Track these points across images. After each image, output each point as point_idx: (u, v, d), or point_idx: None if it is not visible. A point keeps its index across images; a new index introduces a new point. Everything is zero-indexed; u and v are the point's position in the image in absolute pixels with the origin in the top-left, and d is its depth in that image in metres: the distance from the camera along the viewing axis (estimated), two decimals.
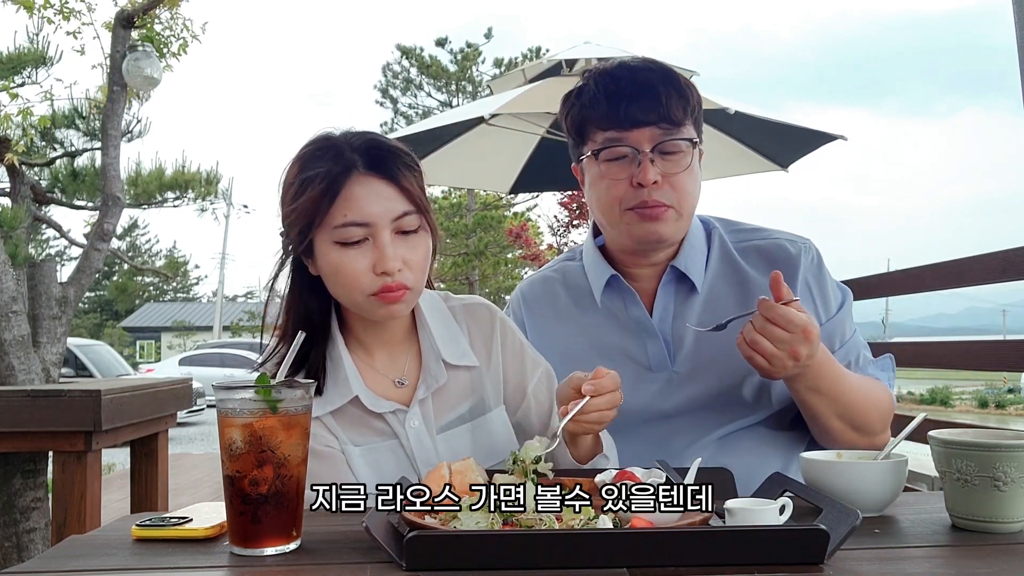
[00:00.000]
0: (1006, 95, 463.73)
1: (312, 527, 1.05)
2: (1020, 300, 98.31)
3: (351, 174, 1.24)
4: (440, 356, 1.37)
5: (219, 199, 6.33)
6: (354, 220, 1.23)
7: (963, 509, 1.03)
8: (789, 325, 1.26)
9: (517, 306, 1.65)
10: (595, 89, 1.45)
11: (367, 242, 1.25)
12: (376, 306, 1.27)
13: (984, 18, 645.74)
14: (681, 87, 1.43)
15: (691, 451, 1.45)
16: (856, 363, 1.49)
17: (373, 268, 1.24)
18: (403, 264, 1.25)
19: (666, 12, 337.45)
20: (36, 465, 3.54)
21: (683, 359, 1.50)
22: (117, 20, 4.22)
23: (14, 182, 4.49)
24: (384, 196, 1.25)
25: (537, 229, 23.12)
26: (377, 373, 1.37)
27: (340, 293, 1.29)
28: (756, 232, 1.57)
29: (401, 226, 1.26)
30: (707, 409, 1.49)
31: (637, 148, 1.41)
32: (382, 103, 25.82)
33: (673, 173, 1.41)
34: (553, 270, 1.66)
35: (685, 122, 1.43)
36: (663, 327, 1.51)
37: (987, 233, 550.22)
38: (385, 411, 1.34)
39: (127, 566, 0.95)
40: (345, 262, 1.24)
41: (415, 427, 1.34)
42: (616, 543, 0.88)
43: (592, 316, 1.56)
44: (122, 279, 10.08)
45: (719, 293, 1.52)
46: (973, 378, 30.80)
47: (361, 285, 1.25)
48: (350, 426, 1.34)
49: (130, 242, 41.86)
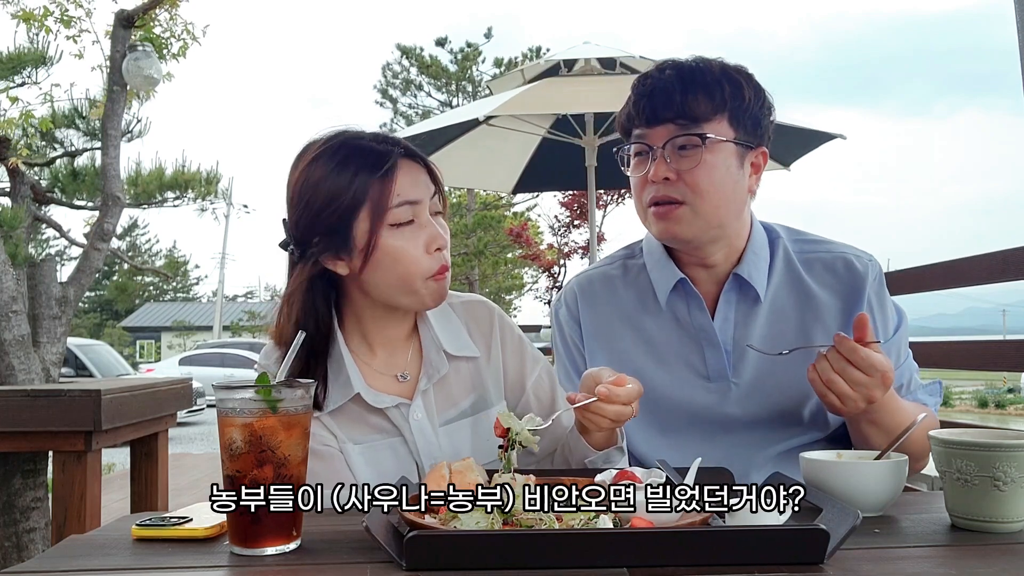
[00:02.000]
0: (1005, 95, 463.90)
1: (312, 527, 1.05)
2: (1020, 300, 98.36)
3: (397, 159, 1.28)
4: (441, 347, 1.38)
5: (219, 199, 6.32)
6: (406, 199, 1.26)
7: (963, 509, 1.03)
8: (870, 369, 1.24)
9: (573, 301, 1.60)
10: (637, 88, 1.46)
11: (413, 223, 1.27)
12: (430, 289, 1.29)
13: (983, 19, 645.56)
14: (708, 83, 1.40)
15: (752, 466, 1.45)
16: (908, 387, 1.47)
17: (427, 247, 1.27)
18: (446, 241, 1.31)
19: (666, 12, 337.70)
20: (36, 465, 3.54)
21: (743, 371, 1.47)
22: (117, 20, 4.22)
23: (14, 182, 4.49)
24: (422, 177, 1.30)
25: (537, 229, 23.11)
26: (377, 371, 1.37)
27: (395, 281, 1.28)
28: (821, 244, 1.53)
29: (435, 206, 1.31)
30: (765, 424, 1.47)
31: (651, 145, 1.41)
32: (382, 103, 25.82)
33: (686, 169, 1.39)
34: (614, 267, 1.61)
35: (712, 118, 1.40)
36: (724, 336, 1.48)
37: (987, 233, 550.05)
38: (387, 406, 1.34)
39: (127, 566, 0.95)
40: (403, 246, 1.26)
41: (418, 419, 1.34)
42: (616, 543, 0.88)
43: (654, 319, 1.52)
44: (122, 279, 10.09)
45: (782, 305, 1.49)
46: (973, 378, 30.79)
47: (421, 267, 1.27)
48: (350, 425, 1.33)
49: (130, 242, 41.87)
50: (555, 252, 22.64)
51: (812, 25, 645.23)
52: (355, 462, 1.31)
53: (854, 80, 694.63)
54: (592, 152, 5.07)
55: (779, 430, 1.47)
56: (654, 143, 1.41)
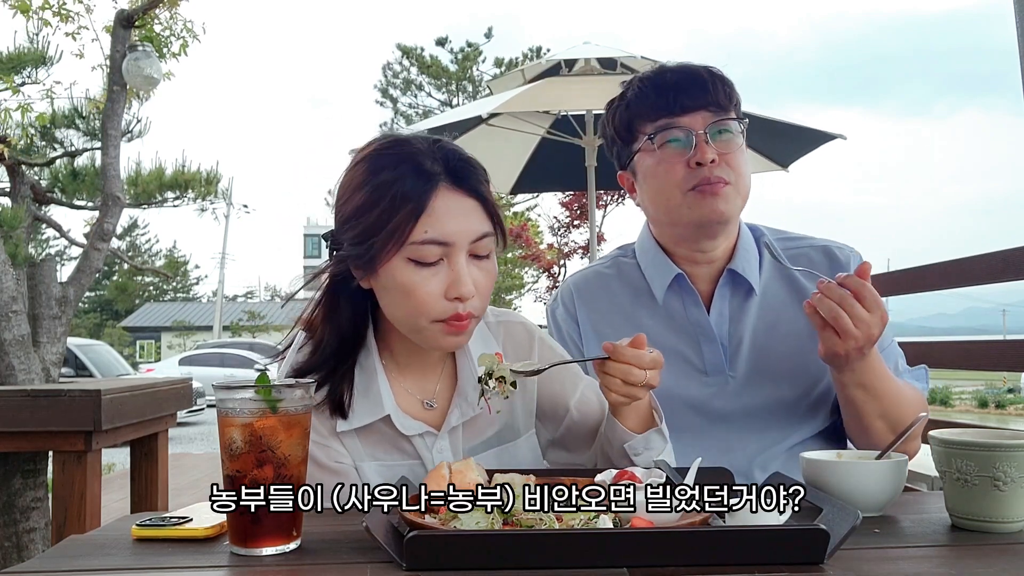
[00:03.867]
0: (1005, 96, 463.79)
1: (312, 527, 1.05)
2: (1020, 300, 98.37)
3: (436, 187, 1.15)
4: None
5: (219, 199, 6.32)
6: (435, 238, 1.14)
7: (963, 509, 1.03)
8: (875, 306, 1.26)
9: (569, 300, 1.62)
10: (640, 87, 1.49)
11: (441, 263, 1.16)
12: (439, 334, 1.18)
13: (983, 19, 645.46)
14: (725, 77, 1.47)
15: (760, 460, 1.47)
16: (895, 370, 1.48)
17: (446, 292, 1.16)
18: (477, 287, 1.17)
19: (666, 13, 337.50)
20: (36, 465, 3.54)
21: (739, 364, 1.50)
22: (117, 20, 4.22)
23: (14, 182, 4.50)
24: (466, 213, 1.16)
25: (537, 229, 23.12)
26: (407, 392, 1.30)
27: (401, 315, 1.20)
28: (804, 239, 1.59)
29: (477, 249, 1.18)
30: (762, 417, 1.49)
31: (691, 129, 1.44)
32: (382, 103, 25.85)
33: (728, 152, 1.44)
34: (606, 266, 1.64)
35: (731, 109, 1.47)
36: (720, 331, 1.51)
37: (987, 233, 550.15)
38: (414, 434, 1.28)
39: (127, 566, 0.95)
40: (417, 283, 1.15)
41: (441, 452, 1.29)
42: (616, 543, 0.88)
43: (650, 315, 1.55)
44: (122, 279, 10.10)
45: (774, 297, 1.53)
46: (973, 378, 30.79)
47: (431, 310, 1.16)
48: (373, 443, 1.28)
49: (130, 242, 41.88)
50: (555, 252, 22.65)
51: (812, 25, 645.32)
52: (371, 479, 1.26)
53: (854, 80, 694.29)
54: (592, 152, 5.07)
55: (776, 423, 1.49)
56: (692, 127, 1.44)
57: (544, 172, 5.72)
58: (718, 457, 1.46)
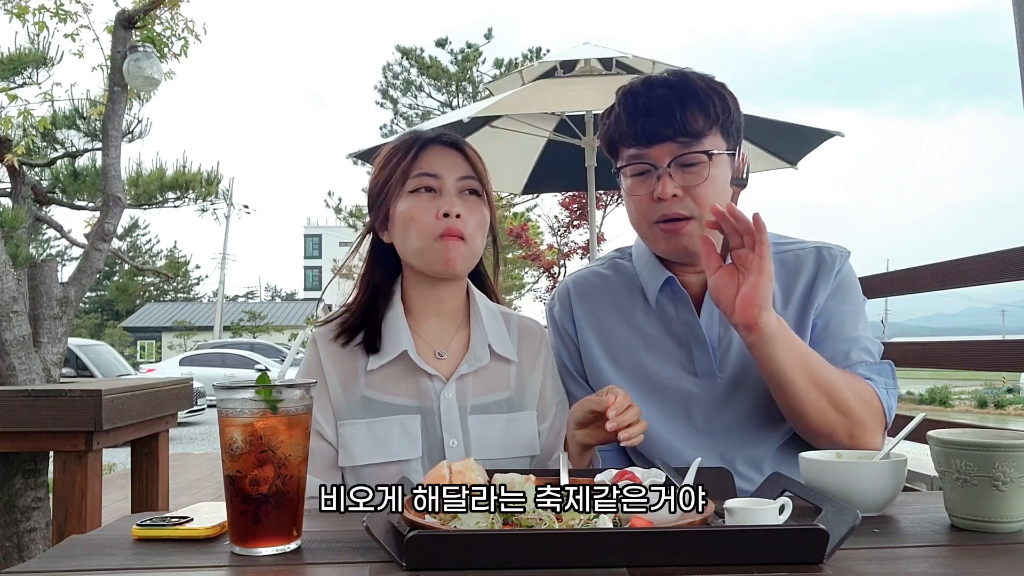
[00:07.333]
0: (1003, 96, 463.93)
1: (312, 527, 1.05)
2: (1020, 300, 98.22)
3: (428, 144, 1.47)
4: (487, 341, 1.47)
5: (220, 199, 6.33)
6: (426, 171, 1.43)
7: (962, 509, 1.03)
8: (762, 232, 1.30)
9: (567, 299, 1.64)
10: (619, 109, 1.48)
11: (434, 194, 1.43)
12: (439, 252, 1.40)
13: (982, 19, 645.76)
14: (701, 98, 1.43)
15: (752, 458, 1.47)
16: (847, 357, 1.46)
17: (437, 213, 1.41)
18: (464, 215, 1.41)
19: (664, 14, 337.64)
20: (37, 465, 3.54)
21: (728, 366, 1.50)
22: (118, 20, 4.21)
23: (15, 182, 4.49)
24: (452, 158, 1.46)
25: (537, 229, 23.11)
26: (423, 341, 1.48)
27: (409, 241, 1.43)
28: (794, 242, 1.58)
29: (465, 185, 1.44)
30: (756, 416, 1.49)
31: (655, 164, 1.43)
32: (382, 104, 25.82)
33: (693, 185, 1.42)
34: (604, 267, 1.66)
35: (708, 133, 1.43)
36: (711, 334, 1.51)
37: (987, 233, 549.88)
38: (428, 370, 1.43)
39: (127, 566, 0.95)
40: (415, 207, 1.42)
41: (448, 399, 1.43)
42: (616, 543, 0.89)
43: (645, 316, 1.56)
44: (123, 279, 10.10)
45: None
46: (972, 378, 30.79)
47: (428, 227, 1.40)
48: (396, 378, 1.43)
49: (131, 242, 41.89)
50: (555, 252, 22.64)
51: (809, 26, 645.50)
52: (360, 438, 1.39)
53: (852, 81, 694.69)
54: (592, 152, 5.08)
55: (765, 423, 1.49)
56: (659, 161, 1.43)
57: (552, 173, 5.75)
58: (719, 456, 1.47)
